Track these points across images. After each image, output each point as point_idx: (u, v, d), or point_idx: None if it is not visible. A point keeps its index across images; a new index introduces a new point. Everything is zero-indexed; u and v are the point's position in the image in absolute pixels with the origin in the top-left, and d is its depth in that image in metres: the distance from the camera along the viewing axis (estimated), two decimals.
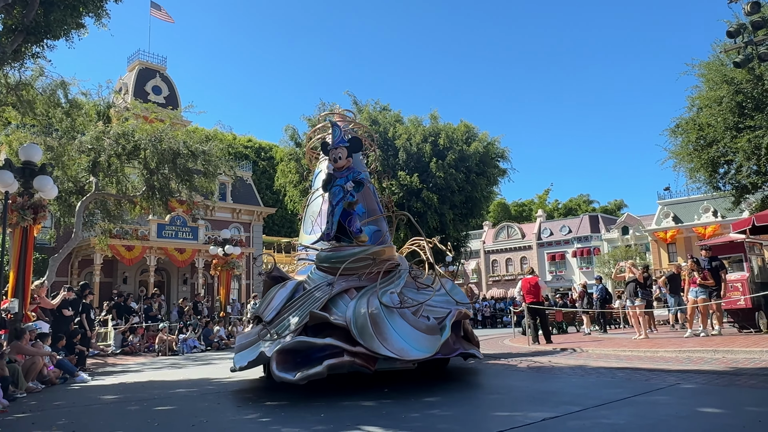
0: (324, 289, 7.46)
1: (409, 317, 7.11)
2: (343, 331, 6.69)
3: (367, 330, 6.62)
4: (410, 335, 6.84)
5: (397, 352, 6.54)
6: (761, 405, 5.08)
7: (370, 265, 7.87)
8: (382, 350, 6.51)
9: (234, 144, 47.88)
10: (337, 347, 6.49)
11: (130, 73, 34.01)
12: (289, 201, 32.91)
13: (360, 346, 6.51)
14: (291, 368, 6.37)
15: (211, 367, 11.87)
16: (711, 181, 18.64)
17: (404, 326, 6.91)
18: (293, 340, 6.64)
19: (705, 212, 44.86)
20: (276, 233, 47.88)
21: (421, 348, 6.76)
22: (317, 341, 6.54)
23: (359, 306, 7.00)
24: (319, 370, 6.25)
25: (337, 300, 7.30)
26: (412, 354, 6.65)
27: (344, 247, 8.36)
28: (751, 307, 12.42)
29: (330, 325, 6.80)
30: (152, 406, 6.72)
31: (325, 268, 8.09)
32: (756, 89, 15.99)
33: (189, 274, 31.33)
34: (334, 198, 8.46)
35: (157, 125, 19.05)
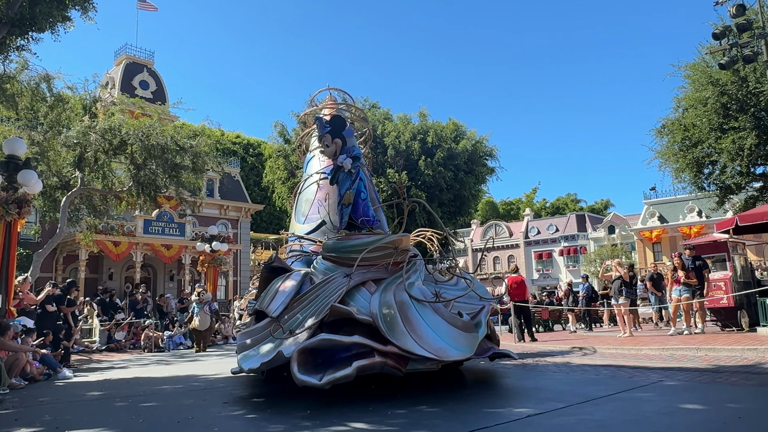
0: (339, 281, 6.64)
1: (444, 312, 6.41)
2: (367, 329, 5.96)
3: (398, 326, 5.92)
4: (447, 333, 6.14)
5: (435, 352, 5.82)
6: (741, 402, 5.17)
7: (390, 255, 7.05)
8: (417, 349, 5.78)
9: (222, 140, 47.19)
10: (365, 346, 5.74)
11: (117, 67, 33.67)
12: (278, 198, 32.82)
13: (392, 345, 5.76)
14: (313, 370, 5.62)
15: (197, 364, 11.82)
16: (696, 182, 18.87)
17: (440, 323, 6.21)
18: (317, 338, 5.78)
19: (690, 212, 45.37)
20: (264, 230, 47.69)
21: (460, 347, 6.07)
22: (344, 339, 5.77)
23: (385, 299, 6.26)
24: (347, 373, 5.44)
25: (354, 293, 6.49)
26: (452, 354, 5.94)
27: (355, 235, 7.56)
28: (734, 305, 12.60)
29: (349, 321, 6.11)
30: (137, 402, 6.69)
31: (333, 258, 7.27)
32: (740, 91, 16.21)
33: (176, 271, 31.14)
34: (342, 187, 7.93)
35: (145, 120, 18.88)
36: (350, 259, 6.95)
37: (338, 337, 5.81)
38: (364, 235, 7.52)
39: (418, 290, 6.69)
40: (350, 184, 7.84)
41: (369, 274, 6.86)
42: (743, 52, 12.98)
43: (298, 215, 9.47)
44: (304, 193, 9.55)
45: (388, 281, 6.70)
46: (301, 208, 9.36)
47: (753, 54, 12.87)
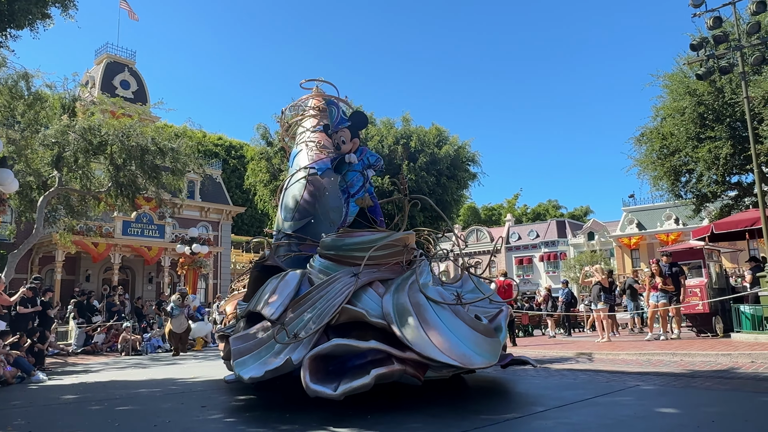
0: (345, 281, 6.14)
1: (464, 316, 5.94)
2: (380, 333, 5.52)
3: (417, 331, 5.43)
4: (469, 337, 5.67)
5: (459, 359, 5.36)
6: (715, 405, 5.27)
7: (399, 254, 6.59)
8: (440, 356, 5.31)
9: (204, 142, 47.24)
10: (381, 352, 5.30)
11: (98, 66, 33.25)
12: (260, 200, 32.59)
13: (410, 351, 5.30)
14: (325, 379, 5.17)
15: (175, 367, 11.68)
16: (673, 190, 19.18)
17: (461, 326, 5.74)
18: (330, 343, 5.31)
19: (667, 219, 46.11)
20: (245, 233, 47.39)
21: (484, 353, 5.58)
22: (360, 345, 5.29)
23: (399, 301, 5.76)
24: (365, 382, 4.96)
25: (360, 294, 5.97)
26: (476, 361, 5.49)
27: (356, 232, 7.06)
28: (709, 312, 12.83)
29: (359, 325, 5.68)
30: (113, 406, 6.59)
31: (333, 256, 6.77)
32: (717, 101, 16.55)
33: (155, 273, 30.77)
34: (353, 187, 7.46)
35: (125, 120, 18.67)
36: (352, 257, 6.49)
37: (354, 342, 5.32)
38: (367, 231, 7.06)
39: (435, 291, 6.22)
40: (363, 185, 7.45)
41: (376, 273, 6.34)
42: (720, 64, 13.25)
43: (285, 212, 8.99)
44: (291, 189, 9.05)
45: (397, 281, 6.21)
46: (288, 205, 8.91)
47: (729, 65, 13.14)
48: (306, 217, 8.41)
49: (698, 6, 12.98)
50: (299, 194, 8.73)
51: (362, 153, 7.59)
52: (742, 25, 13.09)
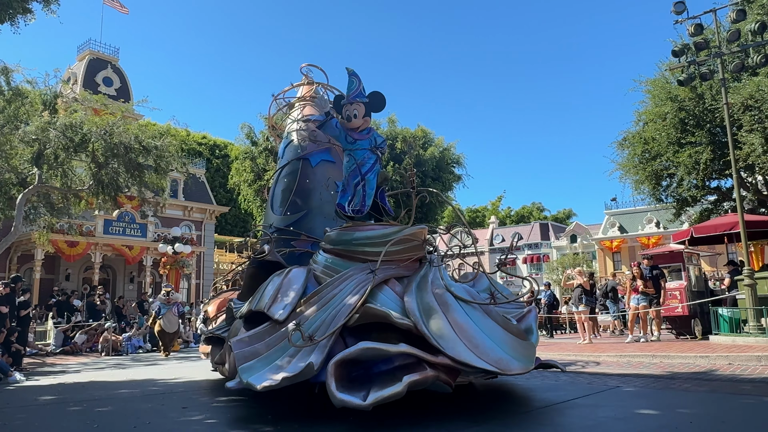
0: (359, 278, 5.68)
1: (496, 316, 5.51)
2: (402, 335, 5.08)
3: (449, 333, 5.02)
4: (504, 340, 5.24)
5: (496, 364, 4.93)
6: (693, 407, 5.35)
7: (416, 249, 6.15)
8: (476, 361, 4.87)
9: (188, 140, 46.78)
10: (411, 357, 4.87)
11: (80, 62, 32.81)
12: (243, 200, 32.44)
13: (442, 356, 4.87)
14: (350, 386, 4.73)
15: (156, 368, 11.57)
16: (654, 193, 19.42)
17: (495, 328, 5.33)
18: (357, 347, 4.81)
19: (648, 223, 46.69)
20: (229, 233, 47.10)
21: (520, 358, 5.14)
22: (390, 348, 4.81)
23: (425, 300, 5.31)
24: (397, 390, 4.51)
25: (376, 293, 5.46)
26: (513, 366, 5.02)
27: (365, 225, 6.53)
28: (688, 314, 13.01)
29: (376, 327, 5.23)
30: (92, 407, 6.50)
31: (340, 251, 6.28)
32: (697, 107, 16.80)
33: (136, 272, 30.43)
34: (364, 165, 6.75)
35: (108, 118, 18.42)
36: (363, 252, 6.03)
37: (384, 346, 4.83)
38: (378, 225, 6.56)
39: (462, 289, 5.75)
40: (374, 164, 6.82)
41: (391, 270, 5.85)
42: (700, 70, 13.45)
43: (275, 206, 8.46)
44: (282, 181, 8.53)
45: (416, 279, 5.73)
46: (279, 198, 8.39)
47: (709, 72, 13.36)
48: (299, 211, 8.00)
49: (680, 13, 13.17)
50: (291, 186, 8.24)
51: (369, 132, 7.01)
52: (723, 33, 13.31)
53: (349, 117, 6.89)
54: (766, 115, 14.39)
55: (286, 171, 8.57)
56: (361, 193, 6.68)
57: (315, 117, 8.77)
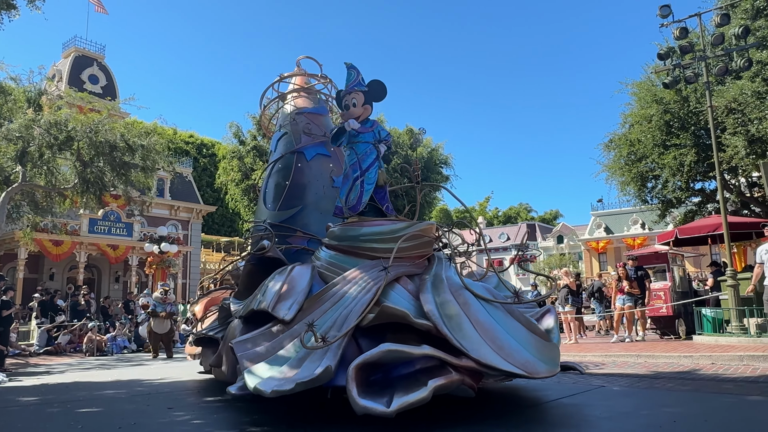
0: (371, 275, 5.39)
1: (519, 316, 5.21)
2: (419, 336, 4.83)
3: (472, 334, 4.75)
4: (529, 341, 4.94)
5: (523, 367, 4.63)
6: (677, 406, 5.41)
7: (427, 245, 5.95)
8: (502, 363, 4.58)
9: (175, 139, 46.51)
10: (433, 359, 4.59)
11: (65, 59, 32.45)
12: (231, 199, 32.26)
13: (466, 358, 4.58)
14: (368, 391, 4.39)
15: (141, 368, 11.48)
16: (640, 195, 19.63)
17: (519, 329, 5.05)
18: (379, 349, 4.49)
19: (634, 224, 47.14)
20: (216, 232, 46.80)
21: (547, 360, 4.84)
22: (413, 351, 4.54)
23: (444, 299, 5.04)
24: (422, 396, 4.22)
25: (388, 291, 5.19)
26: (540, 369, 4.72)
27: (373, 221, 6.21)
28: (672, 314, 13.15)
29: (391, 327, 4.94)
30: (76, 408, 6.43)
31: (345, 247, 5.99)
32: (682, 110, 17.00)
33: (121, 272, 30.16)
34: (365, 160, 6.44)
35: (93, 116, 18.24)
36: (371, 249, 5.77)
37: (407, 348, 4.55)
38: (386, 220, 6.28)
39: (482, 288, 5.49)
40: (376, 158, 6.49)
41: (402, 268, 5.58)
42: (685, 73, 13.61)
43: (268, 201, 8.13)
44: (276, 175, 8.19)
45: (430, 277, 5.44)
46: (272, 193, 8.05)
47: (694, 75, 13.51)
48: (294, 207, 7.73)
49: (666, 17, 13.31)
50: (286, 181, 7.94)
51: (373, 125, 6.66)
52: (707, 37, 13.46)
53: (348, 106, 6.65)
54: (749, 118, 14.60)
55: (279, 165, 8.26)
56: (359, 189, 6.40)
57: (308, 110, 8.66)
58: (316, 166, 8.09)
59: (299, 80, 9.33)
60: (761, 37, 14.34)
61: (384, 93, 6.79)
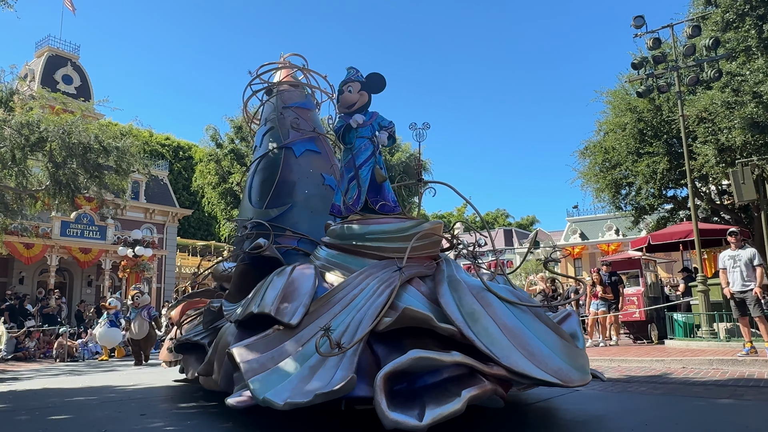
0: (383, 276, 5.13)
1: (547, 320, 4.90)
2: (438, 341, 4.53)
3: (500, 339, 4.46)
4: (560, 347, 4.62)
5: (556, 374, 4.34)
6: (649, 410, 5.49)
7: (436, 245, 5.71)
8: (535, 371, 4.29)
9: (151, 141, 45.90)
10: (462, 367, 4.27)
11: (38, 59, 31.81)
12: (207, 203, 31.98)
13: (496, 365, 4.30)
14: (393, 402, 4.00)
15: (113, 374, 11.27)
16: (614, 201, 19.95)
17: (548, 333, 4.71)
18: (408, 356, 4.12)
19: (608, 230, 47.89)
20: (192, 236, 46.22)
21: (579, 367, 4.55)
22: (444, 358, 4.19)
23: (466, 302, 4.72)
24: (457, 407, 3.94)
25: (400, 293, 4.92)
26: (574, 377, 4.42)
27: (378, 218, 5.89)
28: (645, 319, 13.38)
29: (410, 332, 4.60)
30: (45, 415, 6.28)
31: (348, 246, 5.69)
32: (655, 118, 17.35)
33: (94, 276, 29.60)
34: (360, 155, 6.12)
35: (67, 117, 17.92)
36: (377, 248, 5.50)
37: (436, 355, 4.18)
38: (392, 218, 5.97)
39: (504, 290, 5.20)
40: (370, 156, 6.16)
41: (413, 268, 5.26)
42: (658, 83, 13.92)
43: (254, 198, 7.77)
44: (262, 171, 7.86)
45: (444, 278, 5.14)
46: (259, 190, 7.71)
47: (666, 85, 13.83)
48: (282, 205, 7.42)
49: (639, 27, 13.61)
50: (273, 178, 7.61)
51: (372, 117, 6.33)
52: (679, 47, 13.79)
53: (342, 92, 6.37)
54: (719, 128, 14.96)
55: (266, 161, 7.93)
56: (356, 189, 6.10)
57: (296, 104, 8.44)
58: (305, 162, 7.81)
59: (285, 74, 9.04)
60: (731, 48, 14.72)
61: (382, 84, 6.54)
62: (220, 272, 7.47)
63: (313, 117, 8.66)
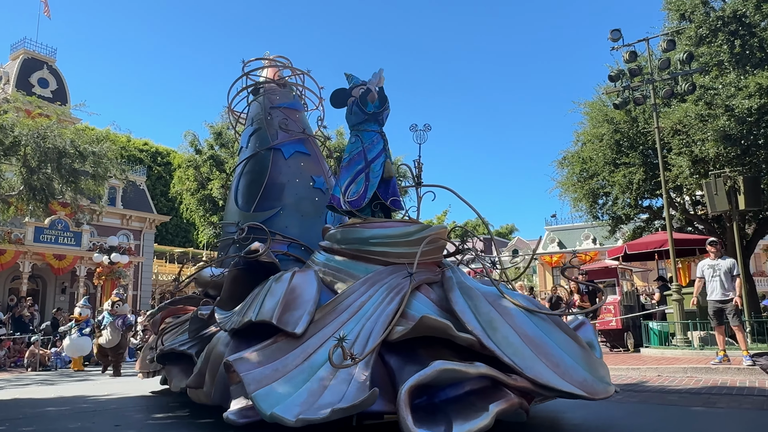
0: (390, 282, 4.93)
1: (567, 329, 4.68)
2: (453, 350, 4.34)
3: (522, 349, 4.26)
4: (581, 357, 4.40)
5: (580, 386, 4.13)
6: (625, 418, 5.55)
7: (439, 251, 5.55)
8: (560, 383, 4.09)
9: (128, 147, 45.35)
10: (486, 379, 4.10)
11: (13, 62, 31.25)
12: (186, 209, 31.62)
13: (520, 377, 4.11)
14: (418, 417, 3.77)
15: (87, 384, 11.04)
16: (591, 211, 20.19)
17: (569, 343, 4.47)
18: (433, 368, 3.88)
19: (586, 239, 48.52)
20: (170, 242, 45.65)
21: (602, 378, 4.35)
22: (469, 370, 3.98)
23: (482, 309, 4.54)
24: (486, 422, 3.78)
25: (411, 301, 4.75)
26: (599, 389, 4.20)
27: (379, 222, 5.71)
28: (621, 328, 13.57)
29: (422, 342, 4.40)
30: (16, 427, 6.12)
31: (350, 251, 5.46)
32: (631, 129, 17.65)
33: (68, 283, 29.03)
34: (371, 150, 5.94)
35: (42, 121, 17.64)
36: (381, 253, 5.28)
37: (463, 367, 3.97)
38: (396, 222, 5.83)
39: (522, 298, 4.98)
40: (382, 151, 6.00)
41: (421, 274, 5.05)
42: (634, 95, 14.20)
43: (240, 201, 7.53)
44: (249, 173, 7.60)
45: (454, 285, 4.93)
46: (246, 192, 7.46)
47: (642, 97, 14.12)
48: (271, 208, 7.22)
49: (616, 40, 13.89)
50: (262, 180, 7.40)
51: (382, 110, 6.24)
52: (655, 61, 14.09)
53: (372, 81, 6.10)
54: (692, 140, 15.27)
55: (254, 162, 7.68)
56: (363, 183, 5.81)
57: (284, 104, 8.27)
58: (294, 164, 7.62)
59: (271, 73, 8.88)
60: (704, 63, 15.07)
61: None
62: (206, 278, 7.16)
63: (301, 118, 8.51)
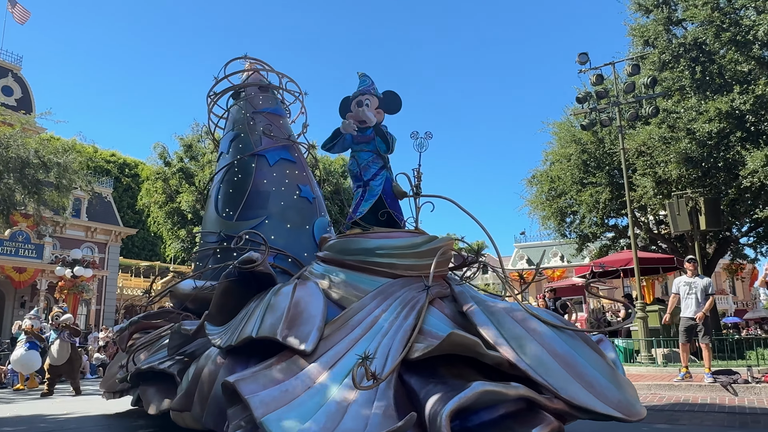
0: (404, 296, 4.71)
1: (594, 345, 4.42)
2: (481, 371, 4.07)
3: (554, 368, 3.96)
4: (612, 376, 4.12)
5: (618, 407, 3.84)
6: None
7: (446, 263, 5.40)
8: (597, 405, 3.80)
9: (95, 157, 44.37)
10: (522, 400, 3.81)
11: None
12: (153, 222, 31.10)
13: (556, 398, 3.81)
14: None
15: (45, 402, 10.64)
16: (559, 229, 20.57)
17: (600, 362, 4.21)
18: (473, 390, 3.56)
19: (554, 256, 49.26)
20: (136, 256, 44.67)
21: (634, 398, 4.04)
22: (508, 391, 3.70)
23: (508, 326, 4.28)
24: None
25: (426, 315, 4.48)
26: (635, 410, 3.88)
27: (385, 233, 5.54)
28: None
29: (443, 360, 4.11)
30: None
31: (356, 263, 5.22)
32: (598, 150, 18.12)
33: (28, 297, 28.11)
34: (366, 171, 5.97)
35: (5, 130, 17.20)
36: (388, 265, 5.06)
37: (502, 388, 3.68)
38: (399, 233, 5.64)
39: (545, 313, 4.81)
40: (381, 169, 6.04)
41: (434, 288, 4.83)
42: (601, 117, 14.59)
43: (221, 209, 7.18)
44: (231, 181, 7.27)
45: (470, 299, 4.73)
46: (228, 200, 7.13)
47: (608, 119, 14.51)
48: (256, 217, 6.88)
49: (584, 63, 14.28)
50: (245, 187, 7.05)
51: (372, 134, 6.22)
52: (620, 84, 14.52)
53: (361, 103, 6.19)
54: (656, 161, 15.74)
55: (235, 169, 7.32)
56: (359, 198, 5.91)
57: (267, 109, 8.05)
58: (279, 171, 7.36)
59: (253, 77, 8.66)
60: (667, 87, 15.60)
61: (398, 105, 6.42)
62: (186, 291, 6.71)
63: (284, 124, 8.28)
